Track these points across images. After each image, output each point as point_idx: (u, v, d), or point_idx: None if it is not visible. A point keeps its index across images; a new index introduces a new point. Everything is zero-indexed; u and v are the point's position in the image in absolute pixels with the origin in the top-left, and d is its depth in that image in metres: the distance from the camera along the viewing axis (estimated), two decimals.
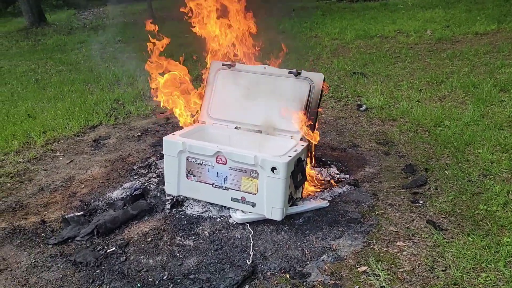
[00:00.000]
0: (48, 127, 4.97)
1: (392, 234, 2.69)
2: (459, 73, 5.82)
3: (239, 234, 2.77)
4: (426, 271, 2.36)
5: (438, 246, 2.53)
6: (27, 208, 3.31)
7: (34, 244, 2.85)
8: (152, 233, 2.84)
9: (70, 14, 19.72)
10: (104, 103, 5.74)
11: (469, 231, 2.63)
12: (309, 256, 2.55)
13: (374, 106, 4.91)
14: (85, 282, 2.46)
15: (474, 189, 3.07)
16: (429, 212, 2.88)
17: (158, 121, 5.05)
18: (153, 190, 3.30)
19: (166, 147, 2.97)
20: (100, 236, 2.86)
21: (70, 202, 3.36)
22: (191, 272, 2.48)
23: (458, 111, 4.52)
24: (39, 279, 2.51)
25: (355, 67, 6.66)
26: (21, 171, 3.93)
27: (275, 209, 2.74)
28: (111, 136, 4.68)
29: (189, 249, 2.67)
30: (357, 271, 2.40)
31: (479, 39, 7.73)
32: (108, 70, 7.85)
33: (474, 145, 3.71)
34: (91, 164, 4.00)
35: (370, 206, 3.02)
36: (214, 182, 2.89)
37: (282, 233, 2.76)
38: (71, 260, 2.66)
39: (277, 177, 2.67)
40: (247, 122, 3.23)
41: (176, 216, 2.99)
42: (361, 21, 10.50)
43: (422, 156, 3.65)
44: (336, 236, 2.71)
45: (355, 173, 3.50)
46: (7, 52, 11.18)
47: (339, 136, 4.26)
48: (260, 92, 3.23)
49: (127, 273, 2.52)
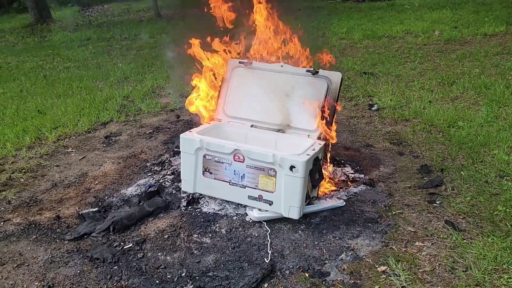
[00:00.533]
0: (59, 123, 4.97)
1: (410, 234, 2.68)
2: (470, 74, 5.80)
3: (256, 232, 2.76)
4: (447, 271, 2.35)
5: (457, 247, 2.52)
6: (42, 204, 3.31)
7: (50, 240, 2.85)
8: (169, 230, 2.83)
9: (75, 11, 19.72)
10: (114, 100, 5.73)
11: (489, 232, 2.62)
12: (328, 255, 2.54)
13: (386, 106, 4.90)
14: (103, 278, 2.46)
15: (491, 190, 3.06)
16: (447, 213, 2.87)
17: (169, 118, 5.04)
18: (168, 187, 3.29)
19: (183, 144, 2.97)
20: (116, 232, 2.86)
21: (84, 198, 3.35)
22: (209, 269, 2.47)
23: (471, 112, 4.51)
24: (57, 275, 2.51)
25: (364, 67, 6.64)
26: (34, 166, 3.93)
27: (292, 207, 2.73)
28: (122, 133, 4.67)
29: (207, 246, 2.67)
30: (376, 270, 2.39)
31: (488, 40, 7.71)
32: (116, 67, 7.85)
33: (489, 146, 3.70)
34: (103, 160, 4.00)
35: (387, 206, 3.01)
36: (231, 180, 2.88)
37: (299, 232, 2.76)
38: (88, 256, 2.65)
39: (296, 175, 2.66)
40: (264, 120, 3.22)
41: (192, 214, 2.98)
42: (368, 21, 10.47)
43: (437, 156, 3.64)
44: (354, 235, 2.70)
45: (370, 172, 3.49)
46: (14, 48, 11.18)
47: (352, 135, 4.25)
48: (276, 91, 3.22)
49: (145, 269, 2.51)
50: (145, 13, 16.61)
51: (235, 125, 3.29)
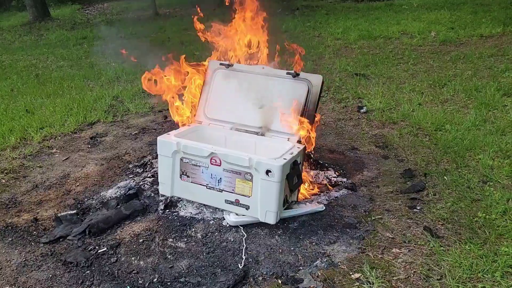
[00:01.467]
0: (46, 123, 4.93)
1: (388, 241, 2.64)
2: (462, 76, 5.75)
3: (232, 237, 2.72)
4: (421, 279, 2.31)
5: (434, 254, 2.48)
6: (21, 206, 3.28)
7: (25, 243, 2.82)
8: (144, 234, 2.80)
9: (74, 9, 19.70)
10: (103, 100, 5.70)
11: (467, 239, 2.57)
12: (303, 261, 2.50)
13: (375, 108, 4.85)
14: (74, 283, 2.43)
15: (473, 196, 3.01)
16: (427, 219, 2.82)
17: (157, 119, 5.01)
18: (147, 190, 3.26)
19: (160, 147, 2.93)
20: (92, 235, 2.82)
21: (64, 200, 3.32)
22: (181, 275, 2.44)
23: (460, 115, 4.45)
24: (28, 279, 2.48)
25: (357, 68, 6.59)
26: (16, 167, 3.90)
27: (269, 212, 2.69)
28: (108, 133, 4.64)
29: (181, 251, 2.63)
30: (350, 278, 2.35)
31: (484, 42, 7.64)
32: (108, 66, 7.81)
33: (475, 150, 3.65)
34: (87, 161, 3.97)
35: (367, 211, 2.97)
36: (208, 183, 2.84)
37: (276, 237, 2.72)
38: (61, 259, 2.62)
39: (272, 180, 2.62)
40: (244, 123, 3.18)
41: (169, 217, 2.94)
42: (365, 21, 10.41)
43: (422, 160, 3.59)
44: (331, 241, 2.66)
45: (353, 176, 3.44)
46: (10, 46, 11.16)
47: (338, 138, 4.20)
48: (257, 93, 3.18)
49: (117, 274, 2.48)
50: (143, 12, 16.58)
51: (215, 128, 3.25)
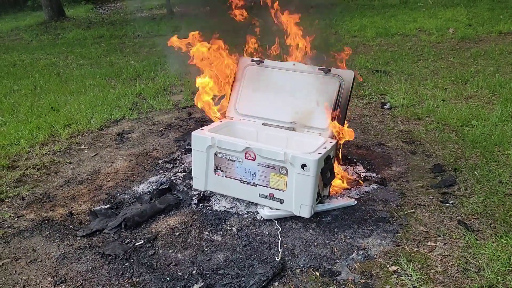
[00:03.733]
0: (72, 120, 5.01)
1: (422, 234, 2.66)
2: (484, 72, 5.73)
3: (266, 231, 2.76)
4: (459, 272, 2.32)
5: (470, 247, 2.49)
6: (55, 200, 3.34)
7: (62, 236, 2.88)
8: (180, 227, 2.85)
9: (88, 8, 19.87)
10: (126, 98, 5.77)
11: (502, 233, 2.58)
12: (338, 254, 2.53)
13: (399, 105, 4.86)
14: (114, 275, 2.48)
15: (505, 191, 3.02)
16: (460, 213, 2.83)
17: (181, 116, 5.06)
18: (179, 184, 3.31)
19: (194, 142, 2.97)
20: (128, 229, 2.88)
21: (96, 195, 3.38)
22: (220, 267, 2.48)
23: (485, 111, 4.45)
24: (69, 270, 2.54)
25: (377, 65, 6.59)
26: (47, 163, 3.97)
27: (303, 206, 2.73)
28: (134, 130, 4.70)
29: (217, 244, 2.67)
30: (388, 270, 2.37)
31: (503, 39, 7.60)
32: (128, 64, 7.90)
33: (504, 145, 3.64)
34: (115, 157, 4.03)
35: (399, 205, 2.98)
36: (242, 178, 2.88)
37: (310, 231, 2.75)
38: (100, 252, 2.67)
39: (307, 174, 2.65)
40: (275, 118, 3.21)
41: (203, 211, 2.99)
42: (381, 19, 10.39)
43: (450, 156, 3.60)
44: (365, 235, 2.69)
45: (382, 171, 3.46)
46: (28, 45, 11.30)
47: (364, 134, 4.22)
48: (288, 89, 3.21)
49: (156, 266, 2.53)
50: (157, 11, 16.68)
51: (247, 123, 3.28)
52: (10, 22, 16.81)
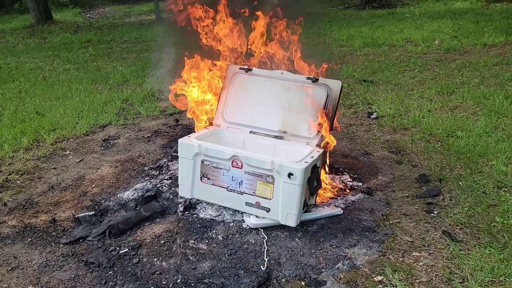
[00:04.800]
0: (57, 125, 4.95)
1: (408, 244, 2.67)
2: (469, 84, 5.82)
3: (252, 239, 2.75)
4: (443, 282, 2.34)
5: (454, 258, 2.51)
6: (38, 207, 3.29)
7: (45, 243, 2.83)
8: (165, 235, 2.82)
9: (76, 12, 19.76)
10: (113, 103, 5.73)
11: (486, 243, 2.61)
12: (324, 263, 2.53)
13: (385, 114, 4.91)
14: (97, 283, 2.44)
15: (489, 201, 3.05)
16: (444, 223, 2.86)
17: (168, 122, 5.03)
18: (165, 192, 3.28)
19: (181, 149, 2.96)
20: (112, 236, 2.84)
21: (80, 201, 3.34)
22: (205, 276, 2.46)
23: (470, 122, 4.51)
24: (51, 279, 2.50)
25: (364, 75, 6.66)
26: (31, 168, 3.91)
27: (290, 215, 2.73)
28: (120, 136, 4.66)
29: (203, 252, 2.65)
30: (373, 280, 2.38)
31: (487, 51, 7.74)
32: (116, 70, 7.85)
33: (488, 156, 3.70)
34: (101, 163, 3.99)
35: (384, 215, 3.00)
36: (229, 186, 2.87)
37: (296, 240, 2.74)
38: (83, 260, 2.64)
39: (294, 183, 2.65)
40: (263, 126, 3.21)
41: (189, 219, 2.97)
42: (368, 29, 10.52)
43: (435, 166, 3.64)
44: (351, 244, 2.69)
45: (368, 181, 3.48)
46: (14, 49, 11.18)
47: (351, 143, 4.24)
48: (276, 97, 3.22)
49: (140, 275, 2.50)
50: (146, 16, 16.66)
51: (234, 131, 3.28)
52: None
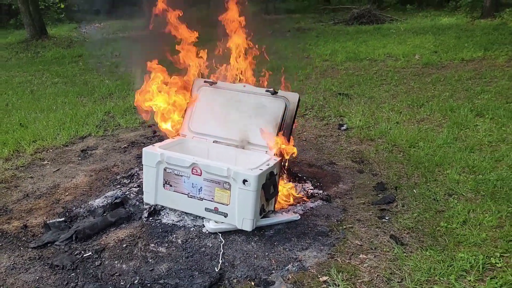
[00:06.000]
0: (39, 137, 5.11)
1: (356, 247, 2.82)
2: (439, 97, 6.02)
3: (210, 243, 2.89)
4: (383, 282, 2.48)
5: (397, 260, 2.66)
6: (11, 213, 3.42)
7: (14, 247, 2.96)
8: (128, 240, 2.96)
9: (72, 27, 20.02)
10: (95, 115, 5.90)
11: (428, 246, 2.76)
12: (275, 265, 2.67)
13: (355, 126, 5.08)
14: (60, 284, 2.57)
15: (438, 208, 3.21)
16: (394, 228, 3.01)
17: (146, 133, 5.20)
18: (132, 199, 3.43)
19: (145, 157, 3.12)
20: (79, 241, 2.98)
21: (53, 208, 3.48)
22: (161, 277, 2.60)
23: (433, 133, 4.69)
24: (16, 280, 2.62)
25: (341, 88, 6.85)
26: (8, 177, 4.06)
27: (245, 219, 2.87)
28: (98, 147, 4.82)
29: (162, 255, 2.79)
30: (318, 280, 2.52)
31: (464, 65, 7.97)
32: (102, 83, 8.04)
33: (444, 166, 3.87)
34: (76, 173, 4.13)
35: (339, 220, 3.15)
36: (190, 192, 3.02)
37: (252, 243, 2.89)
38: (48, 263, 2.76)
39: (248, 189, 2.81)
40: (226, 136, 3.38)
41: (152, 224, 3.11)
42: (353, 44, 10.77)
43: (394, 175, 3.80)
44: (303, 247, 2.84)
45: (329, 189, 3.64)
46: (6, 63, 11.37)
47: (318, 153, 4.41)
48: (239, 109, 3.39)
49: (101, 276, 2.63)
50: (141, 32, 16.89)
51: (199, 141, 3.44)
52: None
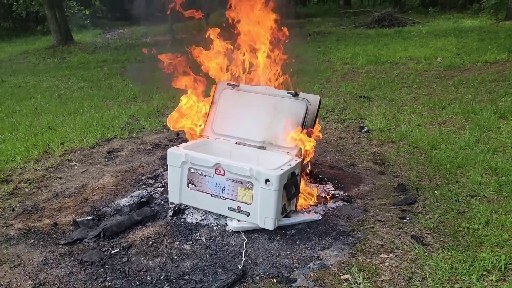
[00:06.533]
0: (67, 139, 5.29)
1: (377, 247, 2.85)
2: (462, 99, 5.98)
3: (233, 241, 2.97)
4: (404, 281, 2.51)
5: (418, 259, 2.68)
6: (42, 212, 3.57)
7: (46, 244, 3.09)
8: (154, 237, 3.06)
9: (96, 33, 20.52)
10: (120, 118, 6.07)
11: (449, 246, 2.78)
12: (297, 263, 2.73)
13: (376, 129, 5.10)
14: (89, 279, 2.68)
15: (460, 209, 3.22)
16: (415, 228, 3.03)
17: (169, 136, 5.32)
18: (157, 198, 3.53)
19: (170, 158, 3.22)
20: (106, 238, 3.09)
21: (81, 207, 3.61)
22: (186, 273, 2.68)
23: (455, 135, 4.68)
24: (48, 275, 2.74)
25: (362, 91, 6.87)
26: (39, 178, 4.22)
27: (268, 219, 2.94)
28: (124, 149, 4.96)
29: (186, 253, 2.88)
30: (339, 278, 2.56)
31: (487, 68, 7.88)
32: (126, 87, 8.24)
33: (466, 167, 3.86)
34: (103, 173, 4.27)
35: (360, 220, 3.19)
36: (213, 192, 3.11)
37: (274, 242, 2.95)
38: (78, 259, 2.88)
39: (270, 188, 2.87)
40: (248, 137, 3.45)
41: (177, 223, 3.21)
42: (374, 47, 10.75)
43: (415, 176, 3.81)
44: (325, 246, 2.89)
45: (350, 190, 3.67)
46: (34, 68, 11.75)
47: (339, 155, 4.45)
48: (260, 111, 3.47)
49: (128, 272, 2.73)
50: (162, 37, 17.20)
51: (222, 142, 3.53)
52: (21, 46, 17.43)
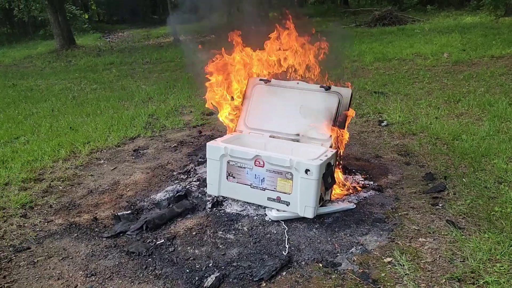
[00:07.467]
0: (90, 139, 5.39)
1: (414, 232, 2.97)
2: (475, 92, 6.12)
3: (274, 230, 3.07)
4: (446, 262, 2.63)
5: (456, 242, 2.80)
6: (80, 208, 3.66)
7: (89, 237, 3.19)
8: (196, 228, 3.16)
9: (96, 37, 20.60)
10: (140, 118, 6.16)
11: (485, 229, 2.89)
12: (339, 249, 2.84)
13: (395, 122, 5.23)
14: (139, 268, 2.78)
15: (490, 194, 3.34)
16: (448, 214, 3.15)
17: (192, 133, 5.43)
18: (194, 191, 3.64)
19: (209, 151, 3.32)
20: (149, 230, 3.19)
21: (117, 202, 3.70)
22: (233, 260, 2.78)
23: (474, 126, 4.81)
24: (98, 266, 2.84)
25: (375, 87, 7.00)
26: (70, 176, 4.31)
27: (308, 207, 3.05)
28: (149, 146, 5.06)
29: (231, 241, 2.98)
30: (383, 261, 2.68)
31: (494, 62, 8.03)
32: (139, 88, 8.33)
33: (490, 156, 3.98)
34: (133, 170, 4.37)
35: (393, 208, 3.30)
36: (252, 183, 3.21)
37: (313, 230, 3.06)
38: (124, 250, 2.98)
39: (310, 178, 2.98)
40: (281, 131, 3.56)
41: (217, 214, 3.31)
42: (379, 44, 10.89)
43: (441, 165, 3.94)
44: (363, 233, 3.00)
45: (379, 180, 3.79)
46: (42, 72, 11.82)
47: (363, 148, 4.57)
48: (293, 105, 3.58)
49: (176, 261, 2.83)
50: (164, 39, 17.32)
51: (255, 136, 3.63)
52: (22, 50, 17.48)
